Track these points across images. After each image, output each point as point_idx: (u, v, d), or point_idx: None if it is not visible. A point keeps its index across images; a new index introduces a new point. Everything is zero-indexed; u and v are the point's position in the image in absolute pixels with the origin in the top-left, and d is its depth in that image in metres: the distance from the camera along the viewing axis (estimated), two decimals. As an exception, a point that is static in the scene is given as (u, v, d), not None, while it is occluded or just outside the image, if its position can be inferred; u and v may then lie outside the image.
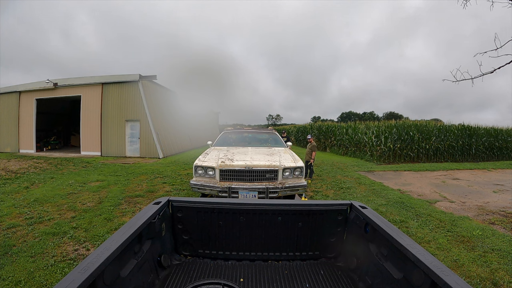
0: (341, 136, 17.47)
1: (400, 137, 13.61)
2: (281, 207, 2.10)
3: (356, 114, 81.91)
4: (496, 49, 3.85)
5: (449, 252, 3.29)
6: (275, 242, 2.17)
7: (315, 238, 2.18)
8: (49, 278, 2.58)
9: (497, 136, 15.40)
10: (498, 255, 3.22)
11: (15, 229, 3.75)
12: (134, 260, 1.58)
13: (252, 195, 4.10)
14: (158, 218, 1.85)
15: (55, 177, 7.52)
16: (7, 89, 15.39)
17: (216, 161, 4.45)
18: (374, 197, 5.90)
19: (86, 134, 14.19)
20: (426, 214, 4.72)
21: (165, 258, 1.92)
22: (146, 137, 13.43)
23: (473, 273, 2.82)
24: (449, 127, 15.01)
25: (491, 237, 3.75)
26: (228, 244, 2.17)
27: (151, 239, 1.80)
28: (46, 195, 5.55)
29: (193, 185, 4.41)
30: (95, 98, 13.87)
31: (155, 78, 13.68)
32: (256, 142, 6.39)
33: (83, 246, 3.28)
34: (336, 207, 2.13)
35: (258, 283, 1.86)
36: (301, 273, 2.00)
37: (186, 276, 1.91)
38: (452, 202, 5.71)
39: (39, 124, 15.41)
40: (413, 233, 3.86)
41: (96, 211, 4.55)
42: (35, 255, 3.02)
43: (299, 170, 4.48)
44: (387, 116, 69.61)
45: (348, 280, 1.89)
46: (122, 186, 6.48)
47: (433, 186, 7.28)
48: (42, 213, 4.43)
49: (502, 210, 5.14)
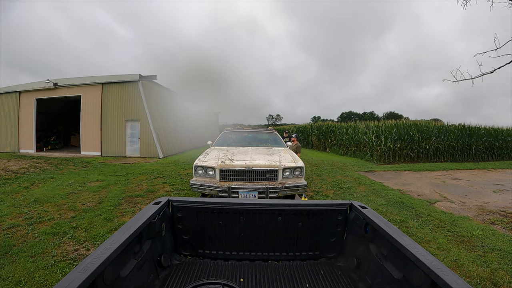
0: (341, 136, 17.47)
1: (400, 137, 13.61)
2: (281, 207, 2.10)
3: (356, 114, 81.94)
4: (496, 49, 3.85)
5: (449, 252, 3.29)
6: (275, 242, 2.17)
7: (315, 238, 2.18)
8: (49, 278, 2.58)
9: (497, 136, 15.38)
10: (498, 255, 3.22)
11: (15, 229, 3.75)
12: (134, 260, 1.58)
13: (252, 195, 4.10)
14: (158, 218, 1.85)
15: (55, 177, 7.52)
16: (7, 89, 15.40)
17: (216, 161, 4.46)
18: (374, 197, 5.90)
19: (86, 134, 14.19)
20: (426, 214, 4.72)
21: (165, 258, 1.92)
22: (146, 137, 13.44)
23: (473, 273, 2.82)
24: (449, 127, 15.00)
25: (491, 237, 3.75)
26: (228, 244, 2.17)
27: (151, 239, 1.80)
28: (46, 195, 5.55)
29: (193, 185, 4.41)
30: (95, 98, 13.87)
31: (155, 78, 13.69)
32: (256, 142, 6.40)
33: (83, 246, 3.28)
34: (336, 207, 2.13)
35: (258, 283, 1.86)
36: (301, 273, 1.99)
37: (186, 276, 1.91)
38: (452, 202, 5.70)
39: (39, 124, 15.41)
40: (413, 233, 3.86)
41: (96, 211, 4.55)
42: (35, 255, 3.02)
43: (299, 170, 4.48)
44: (387, 116, 69.66)
45: (348, 280, 1.89)
46: (122, 186, 6.48)
47: (433, 186, 7.28)
48: (42, 213, 4.43)
49: (502, 210, 5.14)
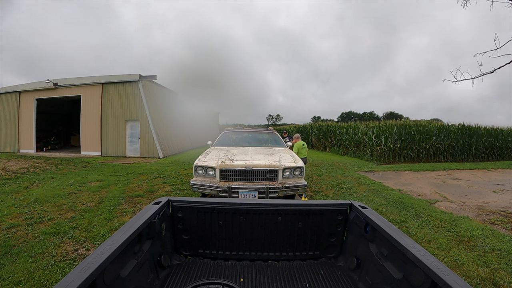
0: (341, 136, 17.47)
1: (400, 137, 13.61)
2: (281, 207, 2.10)
3: (356, 114, 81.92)
4: (496, 49, 3.85)
5: (449, 252, 3.29)
6: (275, 242, 2.17)
7: (315, 238, 2.18)
8: (49, 278, 2.58)
9: (497, 136, 15.38)
10: (498, 255, 3.22)
11: (15, 229, 3.75)
12: (134, 260, 1.57)
13: (252, 195, 4.10)
14: (158, 218, 1.85)
15: (55, 177, 7.52)
16: (7, 89, 15.40)
17: (216, 161, 4.46)
18: (374, 197, 5.90)
19: (86, 134, 14.19)
20: (426, 214, 4.72)
21: (165, 258, 1.92)
22: (146, 137, 13.44)
23: (473, 273, 2.82)
24: (449, 127, 15.00)
25: (491, 237, 3.75)
26: (228, 244, 2.17)
27: (151, 239, 1.80)
28: (46, 195, 5.55)
29: (193, 185, 4.41)
30: (95, 98, 13.87)
31: (155, 78, 13.68)
32: (256, 142, 6.39)
33: (83, 246, 3.28)
34: (336, 207, 2.13)
35: (258, 283, 1.86)
36: (301, 273, 2.00)
37: (186, 276, 1.91)
38: (452, 202, 5.70)
39: (39, 124, 15.40)
40: (413, 233, 3.85)
41: (96, 211, 4.55)
42: (35, 255, 3.02)
43: (299, 170, 4.48)
44: (387, 116, 69.63)
45: (348, 280, 1.89)
46: (122, 186, 6.48)
47: (433, 186, 7.28)
48: (42, 213, 4.43)
49: (502, 210, 5.14)
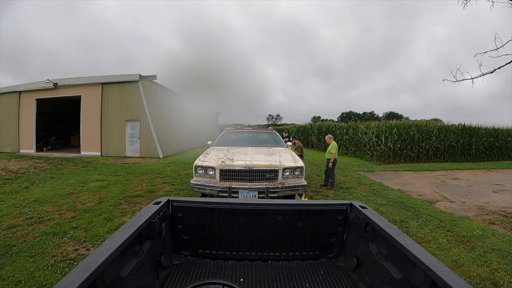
0: (341, 136, 17.47)
1: (400, 137, 13.61)
2: (281, 207, 2.10)
3: (356, 114, 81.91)
4: (496, 49, 3.85)
5: (449, 252, 3.29)
6: (275, 242, 2.16)
7: (315, 238, 2.18)
8: (49, 278, 2.58)
9: (497, 136, 15.38)
10: (498, 255, 3.22)
11: (15, 229, 3.75)
12: (134, 260, 1.57)
13: (252, 195, 4.10)
14: (158, 218, 1.85)
15: (55, 177, 7.52)
16: (7, 89, 15.39)
17: (216, 161, 4.45)
18: (374, 197, 5.90)
19: (86, 134, 14.19)
20: (426, 214, 4.72)
21: (165, 258, 1.92)
22: (146, 137, 13.43)
23: (473, 273, 2.82)
24: (449, 127, 15.00)
25: (491, 237, 3.75)
26: (228, 244, 2.17)
27: (151, 239, 1.79)
28: (46, 195, 5.55)
29: (193, 185, 4.41)
30: (95, 98, 13.86)
31: (155, 78, 13.68)
32: (256, 142, 6.39)
33: (83, 246, 3.28)
34: (336, 207, 2.13)
35: (258, 283, 1.86)
36: (301, 273, 1.99)
37: (186, 276, 1.91)
38: (452, 202, 5.70)
39: (39, 124, 15.39)
40: (413, 233, 3.86)
41: (96, 211, 4.55)
42: (35, 255, 3.02)
43: (299, 170, 4.48)
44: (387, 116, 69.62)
45: (348, 280, 1.89)
46: (122, 186, 6.48)
47: (433, 186, 7.28)
48: (42, 213, 4.43)
49: (502, 210, 5.14)
